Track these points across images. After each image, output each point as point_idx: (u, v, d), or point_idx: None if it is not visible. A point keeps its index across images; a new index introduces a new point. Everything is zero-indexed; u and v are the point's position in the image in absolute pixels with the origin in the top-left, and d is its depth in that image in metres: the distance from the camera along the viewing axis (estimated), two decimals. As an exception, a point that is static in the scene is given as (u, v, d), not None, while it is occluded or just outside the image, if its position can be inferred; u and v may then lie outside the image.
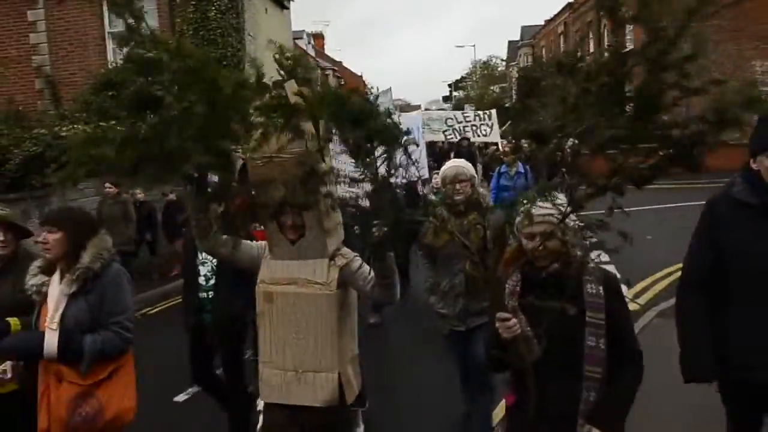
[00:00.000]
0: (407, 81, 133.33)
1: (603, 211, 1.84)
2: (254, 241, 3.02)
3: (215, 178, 2.59)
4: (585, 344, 2.18)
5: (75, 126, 9.43)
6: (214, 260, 3.96)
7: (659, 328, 5.68)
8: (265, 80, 2.17)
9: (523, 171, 8.69)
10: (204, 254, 4.04)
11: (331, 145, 2.56)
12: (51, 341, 2.76)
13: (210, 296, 4.02)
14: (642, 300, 6.93)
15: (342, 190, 3.51)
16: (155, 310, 8.52)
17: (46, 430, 2.80)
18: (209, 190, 2.59)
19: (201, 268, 4.06)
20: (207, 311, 4.03)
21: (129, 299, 2.97)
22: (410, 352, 6.09)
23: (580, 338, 2.19)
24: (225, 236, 2.85)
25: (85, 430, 2.76)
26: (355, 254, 2.83)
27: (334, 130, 2.28)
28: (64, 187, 8.06)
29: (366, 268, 2.76)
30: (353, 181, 2.26)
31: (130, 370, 2.99)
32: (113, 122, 2.44)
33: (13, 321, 3.04)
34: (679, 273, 2.83)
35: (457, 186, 3.70)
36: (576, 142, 1.79)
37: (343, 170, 4.40)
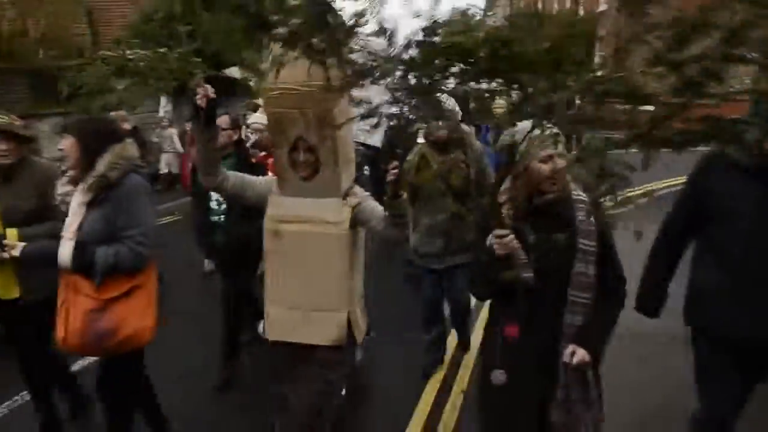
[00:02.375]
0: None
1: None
2: (261, 176, 2.90)
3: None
4: (573, 270, 2.16)
5: (137, 51, 11.01)
6: None
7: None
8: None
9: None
10: None
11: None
12: (65, 251, 2.69)
13: (221, 220, 4.03)
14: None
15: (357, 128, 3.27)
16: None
17: (63, 338, 2.73)
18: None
19: (212, 193, 3.96)
20: (219, 234, 4.06)
21: (146, 213, 2.78)
22: (390, 289, 5.85)
23: (569, 264, 2.17)
24: (231, 173, 2.76)
25: (99, 345, 2.71)
26: (367, 193, 2.73)
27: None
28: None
29: (379, 207, 2.64)
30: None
31: (151, 289, 2.86)
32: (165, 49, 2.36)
33: (11, 232, 3.01)
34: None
35: (441, 122, 3.51)
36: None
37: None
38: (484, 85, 1.74)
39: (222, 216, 4.05)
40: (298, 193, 2.63)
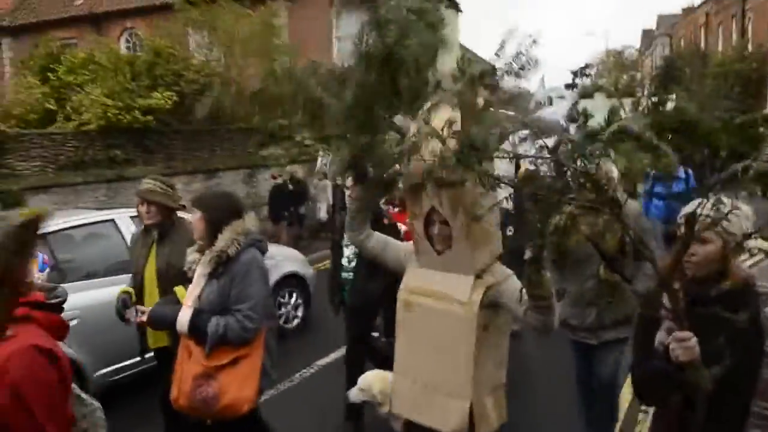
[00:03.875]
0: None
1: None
2: (403, 242, 2.86)
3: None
4: (760, 376, 1.87)
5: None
6: None
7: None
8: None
9: (684, 176, 6.96)
10: None
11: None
12: (183, 318, 2.84)
13: (351, 277, 4.16)
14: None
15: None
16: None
17: (176, 399, 2.90)
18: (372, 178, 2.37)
19: (345, 249, 4.16)
20: (348, 290, 4.21)
21: (257, 288, 2.87)
22: (526, 367, 5.21)
23: (755, 369, 1.88)
24: (376, 233, 2.72)
25: (204, 409, 2.81)
26: (511, 272, 2.48)
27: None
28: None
29: (519, 288, 2.33)
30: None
31: (256, 361, 2.90)
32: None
33: (180, 290, 3.07)
34: None
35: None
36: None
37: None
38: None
39: (351, 273, 4.15)
40: (432, 266, 2.54)
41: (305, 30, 16.06)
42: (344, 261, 4.19)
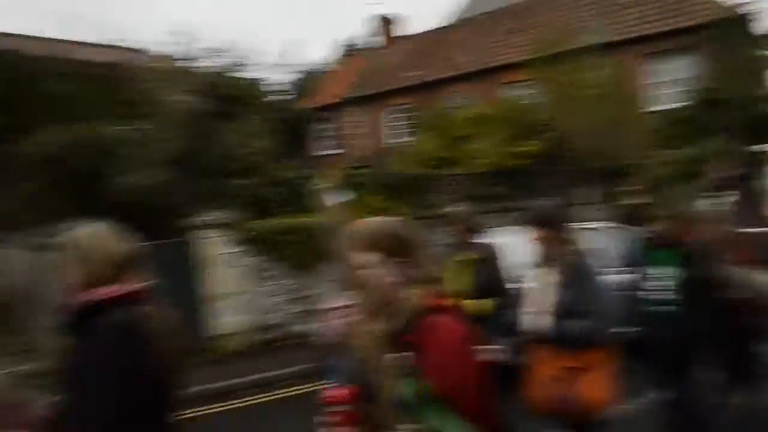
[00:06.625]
0: None
1: None
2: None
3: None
4: None
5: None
6: (670, 275, 3.77)
7: None
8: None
9: None
10: (658, 269, 3.82)
11: None
12: (544, 322, 3.10)
13: (672, 310, 3.77)
14: None
15: None
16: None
17: (532, 399, 3.12)
18: None
19: (656, 282, 3.87)
20: (660, 327, 3.79)
21: (604, 294, 3.10)
22: None
23: None
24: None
25: (561, 410, 2.99)
26: None
27: None
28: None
29: None
30: None
31: (610, 367, 3.05)
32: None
33: (485, 303, 3.56)
34: None
35: None
36: None
37: None
38: None
39: (672, 306, 3.74)
40: None
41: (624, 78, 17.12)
42: (656, 294, 3.84)
